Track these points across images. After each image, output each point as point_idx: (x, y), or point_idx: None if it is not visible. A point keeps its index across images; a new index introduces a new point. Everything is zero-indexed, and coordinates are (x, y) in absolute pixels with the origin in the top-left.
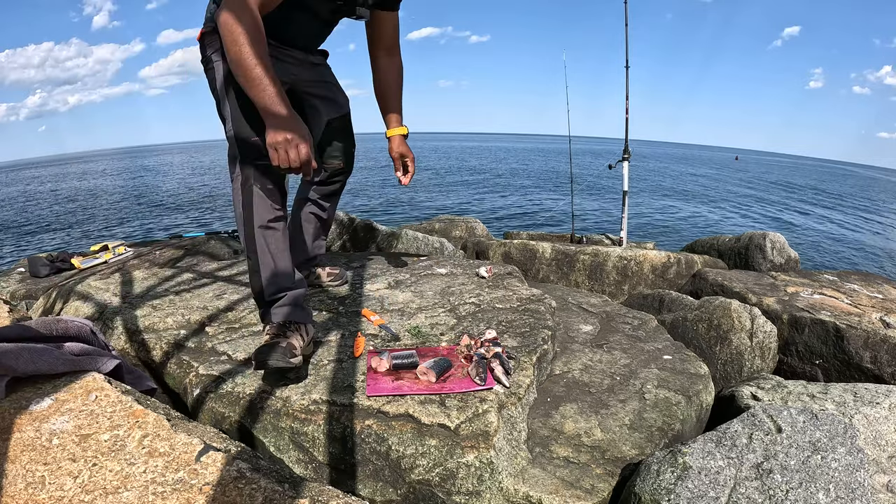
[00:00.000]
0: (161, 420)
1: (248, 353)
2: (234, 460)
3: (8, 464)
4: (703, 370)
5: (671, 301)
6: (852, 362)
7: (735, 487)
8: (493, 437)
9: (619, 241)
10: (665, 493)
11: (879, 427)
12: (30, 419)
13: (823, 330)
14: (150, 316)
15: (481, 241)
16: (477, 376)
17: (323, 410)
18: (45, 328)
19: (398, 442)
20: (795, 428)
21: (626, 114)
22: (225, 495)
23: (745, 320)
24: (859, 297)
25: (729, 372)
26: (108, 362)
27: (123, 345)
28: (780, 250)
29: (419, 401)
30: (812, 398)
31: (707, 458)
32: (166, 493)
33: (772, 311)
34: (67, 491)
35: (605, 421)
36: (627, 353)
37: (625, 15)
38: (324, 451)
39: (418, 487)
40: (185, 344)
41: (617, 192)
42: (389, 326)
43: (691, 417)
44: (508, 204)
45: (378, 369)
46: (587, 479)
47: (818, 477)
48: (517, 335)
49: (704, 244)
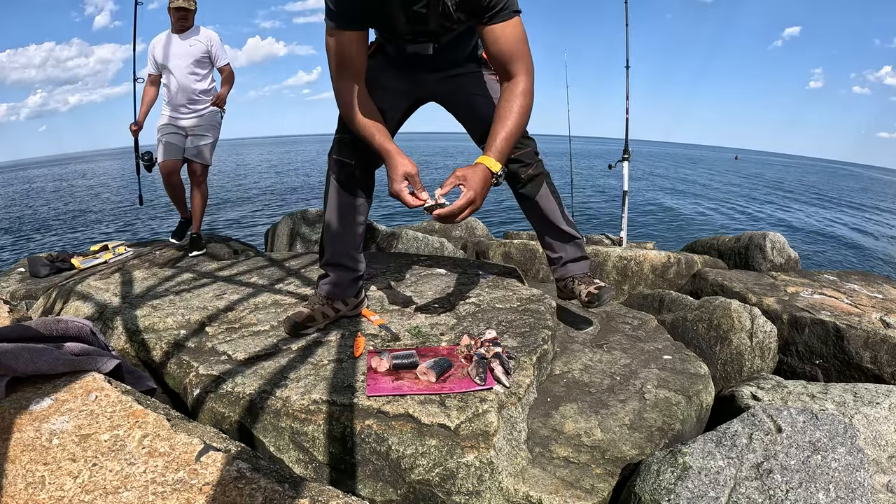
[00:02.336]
0: (161, 420)
1: (248, 353)
2: (234, 460)
3: (8, 464)
4: (703, 370)
5: (671, 301)
6: (852, 362)
7: (735, 487)
8: (493, 437)
9: (619, 240)
10: (665, 493)
11: (879, 427)
12: (30, 419)
13: (823, 330)
14: (150, 316)
15: (481, 241)
16: (477, 376)
17: (323, 410)
18: (45, 328)
19: (398, 442)
20: (795, 428)
21: (627, 114)
22: (225, 495)
23: (745, 320)
24: (859, 297)
25: (729, 372)
26: (108, 362)
27: (123, 345)
28: (780, 250)
29: (419, 401)
30: (812, 398)
31: (707, 458)
32: (166, 493)
33: (772, 311)
34: (67, 491)
35: (605, 421)
36: (627, 353)
37: (625, 15)
38: (324, 451)
39: (418, 487)
40: (185, 344)
41: (617, 192)
42: (389, 326)
43: (691, 417)
44: (508, 204)
45: (378, 369)
46: (587, 479)
47: (818, 477)
48: (517, 335)
49: (704, 244)
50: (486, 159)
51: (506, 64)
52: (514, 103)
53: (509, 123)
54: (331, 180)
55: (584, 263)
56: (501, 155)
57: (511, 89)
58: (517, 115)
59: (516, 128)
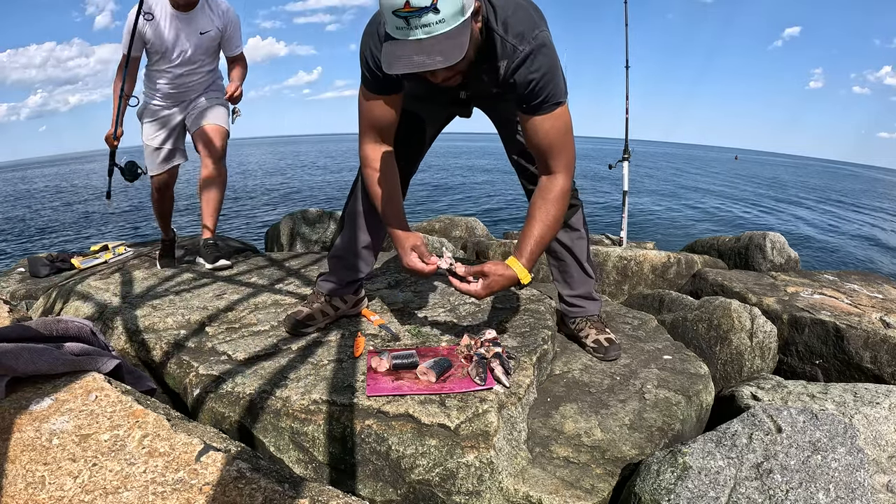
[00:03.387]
0: (161, 420)
1: (248, 353)
2: (234, 460)
3: (8, 464)
4: (703, 370)
5: (671, 301)
6: (852, 362)
7: (735, 487)
8: (493, 437)
9: (619, 241)
10: (665, 493)
11: (879, 427)
12: (30, 419)
13: (823, 330)
14: (150, 316)
15: (481, 241)
16: (477, 376)
17: (323, 410)
18: (45, 328)
19: (398, 442)
20: (795, 428)
21: (627, 114)
22: (225, 495)
23: (745, 320)
24: (859, 297)
25: (729, 372)
26: (108, 362)
27: (123, 345)
28: (780, 250)
29: (419, 401)
30: (812, 398)
31: (707, 458)
32: (166, 493)
33: (772, 311)
34: (67, 491)
35: (605, 421)
36: (627, 353)
37: (625, 15)
38: (324, 451)
39: (418, 487)
40: (185, 344)
41: (617, 192)
42: (389, 326)
43: (691, 417)
44: (508, 204)
45: (378, 369)
46: (587, 479)
47: (818, 477)
48: (517, 335)
49: (704, 244)
50: (520, 269)
51: (545, 157)
52: (549, 208)
53: (541, 230)
54: (359, 181)
55: (598, 304)
56: (532, 261)
57: (548, 188)
58: (552, 222)
59: (549, 234)
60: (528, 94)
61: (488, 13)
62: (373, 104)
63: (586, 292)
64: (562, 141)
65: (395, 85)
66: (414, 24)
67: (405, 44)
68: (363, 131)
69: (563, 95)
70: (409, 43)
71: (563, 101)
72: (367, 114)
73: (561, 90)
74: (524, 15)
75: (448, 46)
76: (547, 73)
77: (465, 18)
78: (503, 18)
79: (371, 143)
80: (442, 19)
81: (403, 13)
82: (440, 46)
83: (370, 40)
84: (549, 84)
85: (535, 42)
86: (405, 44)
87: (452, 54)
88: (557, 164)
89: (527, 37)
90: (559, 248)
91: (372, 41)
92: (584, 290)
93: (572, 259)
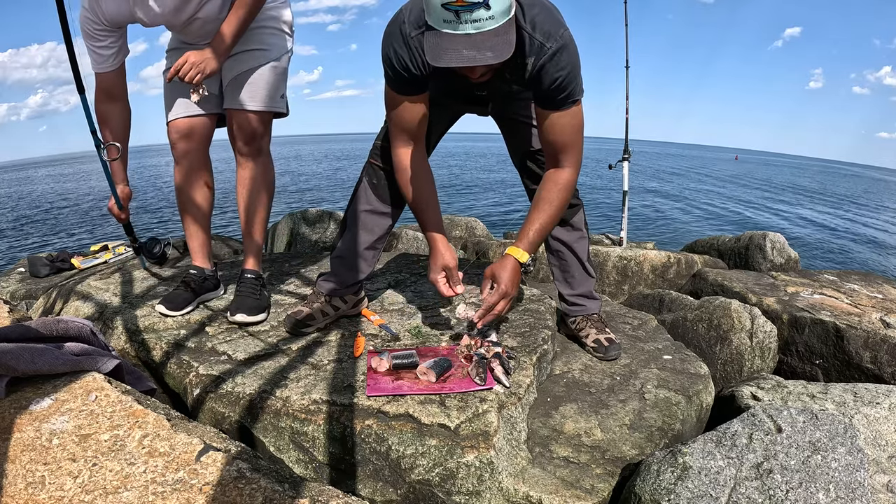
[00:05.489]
0: (161, 420)
1: (248, 353)
2: (234, 460)
3: (8, 464)
4: (703, 370)
5: (671, 301)
6: (852, 362)
7: (735, 487)
8: (493, 437)
9: (619, 241)
10: (665, 493)
11: (879, 427)
12: (30, 419)
13: (823, 330)
14: (150, 316)
15: (481, 241)
16: (477, 376)
17: (323, 410)
18: (45, 328)
19: (398, 442)
20: (795, 428)
21: (627, 114)
22: (225, 495)
23: (745, 320)
24: (859, 297)
25: (729, 372)
26: (108, 362)
27: (123, 345)
28: (780, 250)
29: (419, 401)
30: (812, 398)
31: (707, 458)
32: (166, 493)
33: (772, 311)
34: (67, 491)
35: (605, 421)
36: (627, 352)
37: (625, 15)
38: (324, 451)
39: (418, 487)
40: (185, 344)
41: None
42: (389, 326)
43: (691, 417)
44: (508, 204)
45: (378, 369)
46: (587, 479)
47: (818, 477)
48: (517, 335)
49: (704, 244)
50: (515, 251)
51: (556, 152)
52: (555, 195)
53: (546, 216)
54: (363, 181)
55: (597, 303)
56: (532, 246)
57: (555, 179)
58: (556, 209)
59: (552, 221)
60: (553, 90)
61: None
62: (401, 106)
63: (587, 291)
64: (575, 138)
65: (421, 84)
66: (465, 18)
67: (454, 37)
68: (394, 135)
69: (581, 94)
70: (457, 37)
71: (580, 99)
72: (397, 117)
73: (580, 88)
74: (550, 14)
75: (497, 43)
76: (571, 70)
77: (511, 16)
78: (531, 17)
79: (403, 147)
80: (492, 16)
81: (454, 6)
82: (490, 42)
83: (393, 41)
84: (573, 82)
85: (562, 40)
86: (454, 37)
87: (503, 51)
88: (568, 159)
89: (553, 35)
90: (561, 247)
91: (395, 42)
92: (584, 289)
93: (574, 258)
